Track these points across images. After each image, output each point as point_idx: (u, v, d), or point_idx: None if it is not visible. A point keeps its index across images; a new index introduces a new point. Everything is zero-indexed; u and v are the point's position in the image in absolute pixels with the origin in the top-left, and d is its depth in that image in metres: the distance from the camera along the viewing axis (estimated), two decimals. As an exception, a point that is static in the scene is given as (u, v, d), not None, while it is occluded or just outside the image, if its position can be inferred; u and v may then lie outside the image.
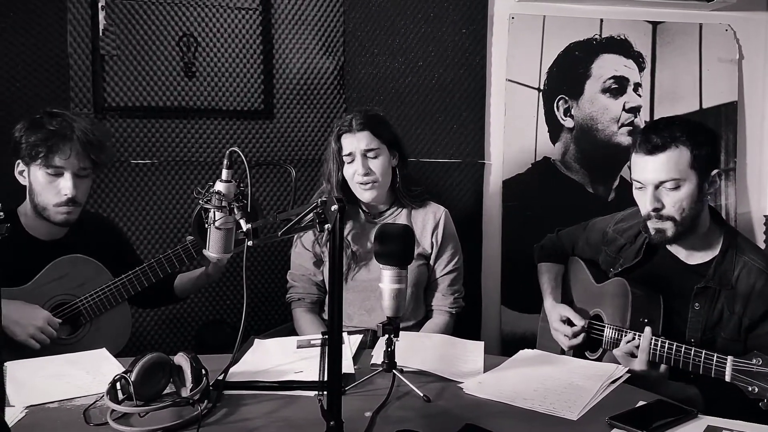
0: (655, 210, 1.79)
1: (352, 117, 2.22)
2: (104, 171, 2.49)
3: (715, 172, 1.81)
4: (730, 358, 1.57)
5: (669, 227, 1.80)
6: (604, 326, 1.94)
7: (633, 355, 1.74)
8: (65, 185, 1.93)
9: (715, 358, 1.59)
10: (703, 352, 1.62)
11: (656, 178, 1.78)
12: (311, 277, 2.30)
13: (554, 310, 2.08)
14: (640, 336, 1.75)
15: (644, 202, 1.82)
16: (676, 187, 1.77)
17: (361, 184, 2.19)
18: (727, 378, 1.56)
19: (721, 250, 1.85)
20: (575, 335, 1.98)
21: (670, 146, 1.76)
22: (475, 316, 2.86)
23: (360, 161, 2.17)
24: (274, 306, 2.76)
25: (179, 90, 2.61)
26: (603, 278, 2.06)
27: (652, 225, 1.83)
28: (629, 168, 1.92)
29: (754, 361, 1.52)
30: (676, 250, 1.92)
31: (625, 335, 1.81)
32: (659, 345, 1.71)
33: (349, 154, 2.19)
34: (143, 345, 2.58)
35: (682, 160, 1.77)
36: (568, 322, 2.01)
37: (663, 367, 1.72)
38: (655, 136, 1.78)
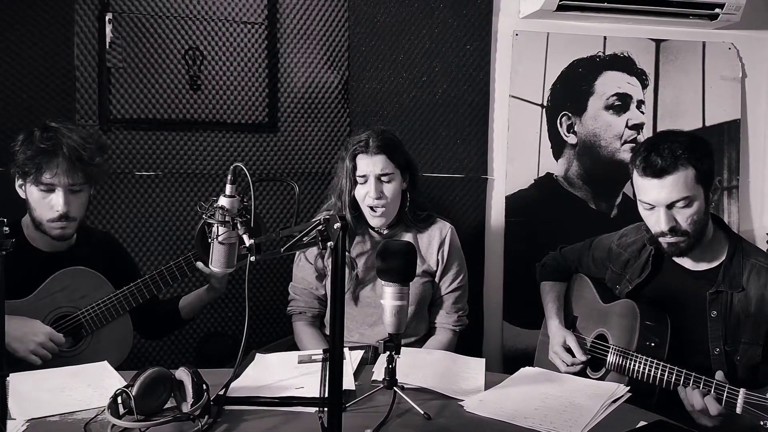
0: (671, 229, 1.81)
1: (368, 137, 2.18)
2: (105, 183, 2.50)
3: (717, 179, 1.87)
4: (742, 391, 1.56)
5: (683, 241, 1.83)
6: (609, 347, 1.94)
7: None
8: (57, 201, 1.93)
9: (726, 389, 1.59)
10: (714, 381, 1.62)
11: (668, 199, 1.80)
12: (313, 290, 2.30)
13: (558, 334, 2.07)
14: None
15: (657, 221, 1.83)
16: (688, 204, 1.80)
17: (372, 207, 2.18)
18: (738, 410, 1.55)
19: (728, 255, 1.87)
20: (573, 366, 1.98)
21: (676, 168, 1.78)
22: (477, 331, 2.86)
23: (373, 184, 2.16)
24: (275, 319, 2.76)
25: (184, 103, 2.63)
26: (609, 297, 2.06)
27: (666, 240, 1.84)
28: (632, 186, 1.93)
29: (767, 395, 1.52)
30: (681, 260, 1.94)
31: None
32: (668, 372, 1.72)
33: (363, 176, 2.18)
34: (144, 357, 2.58)
35: (689, 178, 1.79)
36: (570, 351, 2.01)
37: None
38: (658, 158, 1.79)
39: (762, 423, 1.51)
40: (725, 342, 1.84)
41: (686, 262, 1.93)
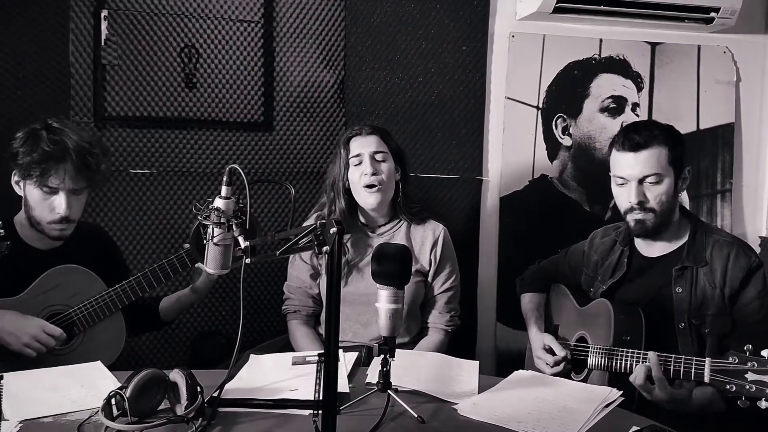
0: (640, 203, 1.93)
1: (361, 126, 2.29)
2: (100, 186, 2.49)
3: (686, 169, 1.98)
4: (707, 359, 1.65)
5: (649, 218, 1.95)
6: (589, 347, 1.99)
7: (650, 380, 1.75)
8: (59, 204, 1.92)
9: (694, 362, 1.68)
10: (683, 357, 1.71)
11: (641, 173, 1.92)
12: (307, 289, 2.31)
13: (538, 338, 2.15)
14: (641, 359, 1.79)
15: (627, 196, 1.95)
16: (658, 182, 1.93)
17: (368, 186, 2.20)
18: (706, 379, 1.64)
19: (690, 234, 1.98)
20: (556, 364, 2.03)
21: (651, 144, 1.92)
22: (471, 332, 2.87)
23: (368, 162, 2.20)
24: (268, 318, 2.76)
25: (180, 101, 2.62)
26: (586, 300, 2.13)
27: (633, 217, 1.96)
28: (609, 166, 2.03)
29: (730, 359, 1.60)
30: (647, 249, 2.04)
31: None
32: (642, 358, 1.78)
33: (357, 155, 2.22)
34: (137, 356, 2.58)
35: (662, 156, 1.93)
36: (551, 351, 2.07)
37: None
38: (637, 135, 1.93)
39: (728, 387, 1.57)
40: (690, 315, 1.92)
41: (652, 251, 2.02)
